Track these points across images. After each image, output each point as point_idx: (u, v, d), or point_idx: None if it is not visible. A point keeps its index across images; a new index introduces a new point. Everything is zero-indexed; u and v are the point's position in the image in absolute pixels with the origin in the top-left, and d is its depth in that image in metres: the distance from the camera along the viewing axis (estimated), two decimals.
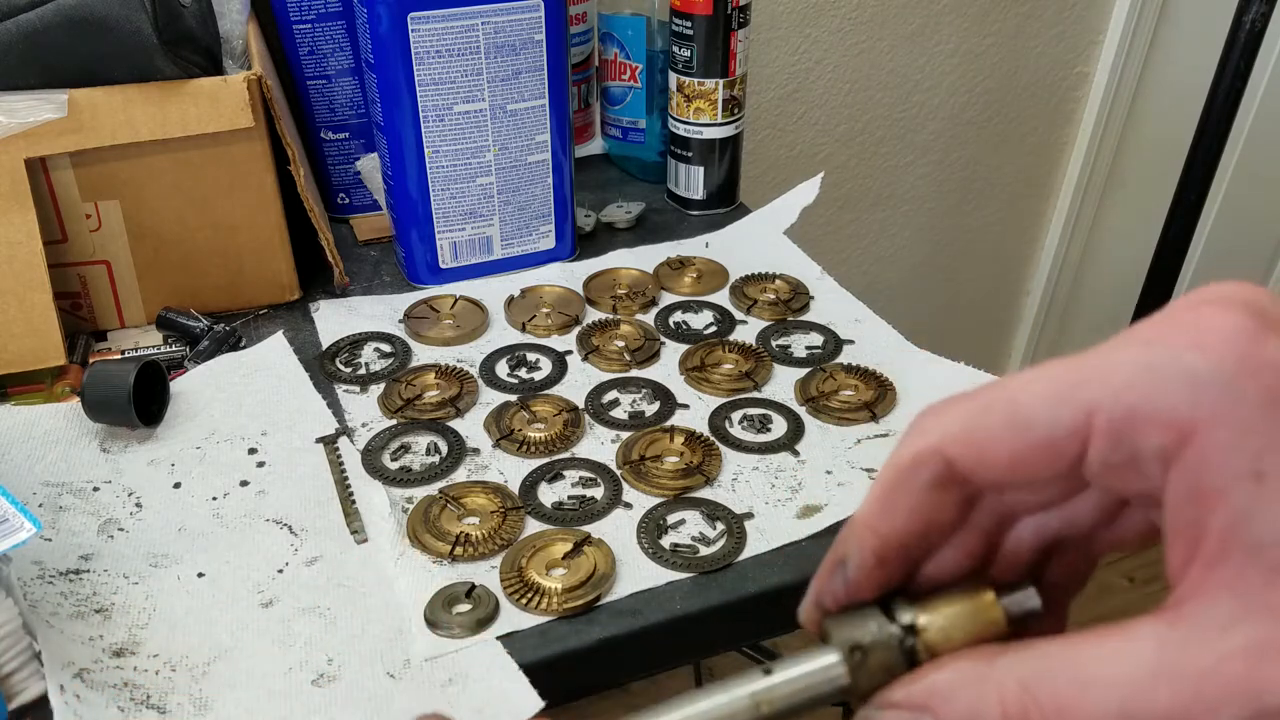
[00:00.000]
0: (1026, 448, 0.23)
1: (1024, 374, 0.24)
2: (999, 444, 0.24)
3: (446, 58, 0.77)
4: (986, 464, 0.24)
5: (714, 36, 0.90)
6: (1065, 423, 0.23)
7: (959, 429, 0.24)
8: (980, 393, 0.25)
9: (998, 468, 0.24)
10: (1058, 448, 0.23)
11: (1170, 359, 0.22)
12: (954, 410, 0.25)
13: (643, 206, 0.96)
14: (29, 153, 0.69)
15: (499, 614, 0.56)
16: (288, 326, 0.78)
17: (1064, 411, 0.23)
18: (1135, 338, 0.23)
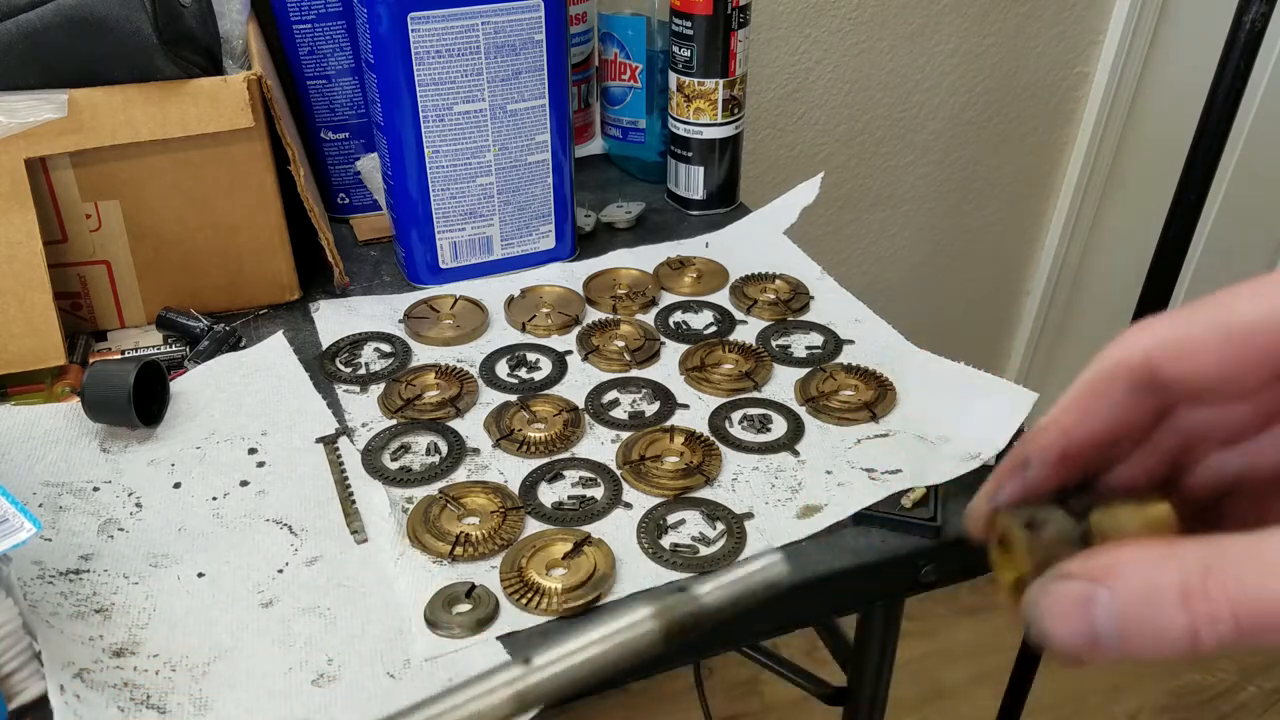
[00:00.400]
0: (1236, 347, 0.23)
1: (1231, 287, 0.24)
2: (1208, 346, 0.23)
3: (446, 58, 0.77)
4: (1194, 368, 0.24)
5: (714, 36, 0.90)
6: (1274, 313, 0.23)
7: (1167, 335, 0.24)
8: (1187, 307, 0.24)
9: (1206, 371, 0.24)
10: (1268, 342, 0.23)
11: None
12: (1161, 321, 0.25)
13: (643, 206, 0.96)
14: (29, 153, 0.69)
15: (499, 614, 0.56)
16: (288, 326, 0.79)
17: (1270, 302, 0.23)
18: None
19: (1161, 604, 0.21)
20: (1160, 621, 0.21)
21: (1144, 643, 0.22)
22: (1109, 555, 0.23)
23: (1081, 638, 0.23)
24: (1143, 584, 0.22)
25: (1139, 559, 0.22)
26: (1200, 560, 0.21)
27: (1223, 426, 0.26)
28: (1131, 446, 0.26)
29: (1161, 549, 0.22)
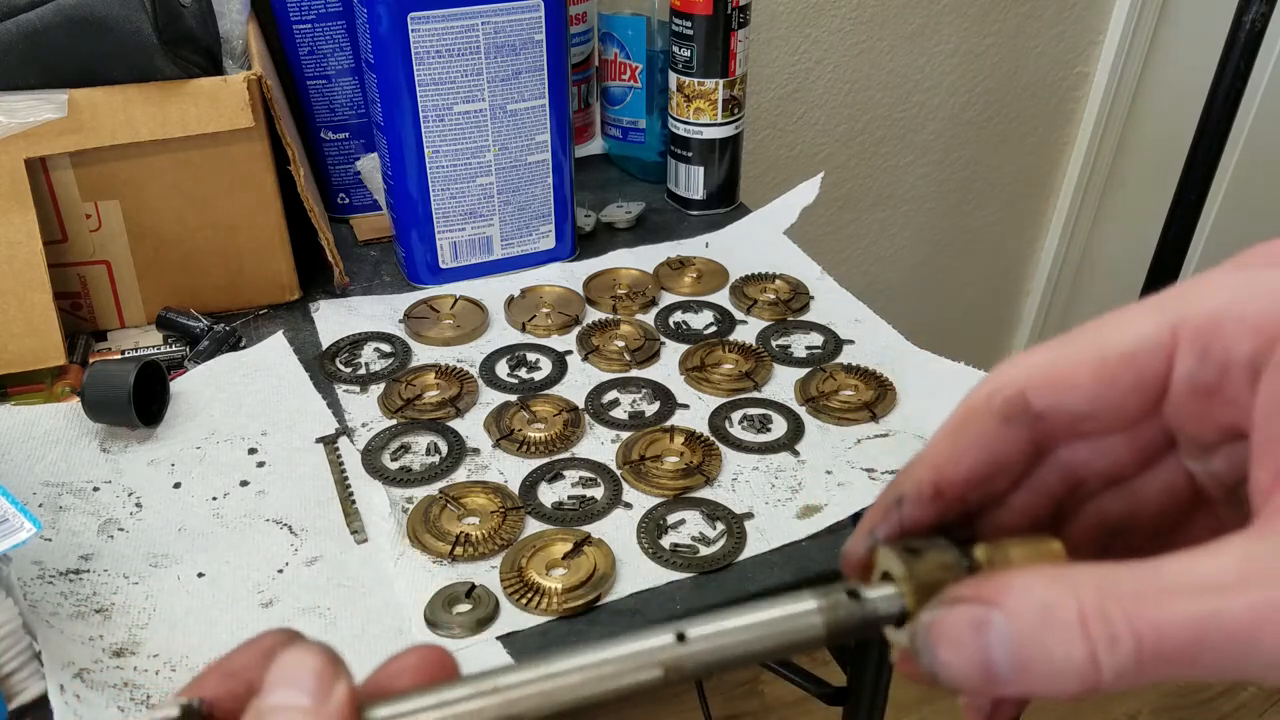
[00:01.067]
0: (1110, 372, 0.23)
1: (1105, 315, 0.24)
2: (1081, 372, 0.23)
3: (446, 58, 0.76)
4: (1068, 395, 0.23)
5: (714, 36, 0.90)
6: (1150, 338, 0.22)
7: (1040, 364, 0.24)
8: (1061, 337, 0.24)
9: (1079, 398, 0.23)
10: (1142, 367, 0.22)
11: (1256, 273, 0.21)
12: (1034, 353, 0.24)
13: (643, 206, 0.96)
14: (29, 153, 0.69)
15: (499, 614, 0.56)
16: (288, 326, 0.78)
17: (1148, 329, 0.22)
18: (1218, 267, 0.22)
19: (1059, 627, 0.20)
20: (1058, 647, 0.20)
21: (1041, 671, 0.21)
22: (1002, 578, 0.22)
23: (976, 666, 0.21)
24: (1038, 605, 0.21)
25: (1033, 580, 0.21)
26: (1097, 582, 0.20)
27: (1103, 465, 0.25)
28: (1010, 484, 0.25)
29: (1056, 571, 0.21)
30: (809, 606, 0.23)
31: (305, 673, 0.22)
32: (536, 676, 0.22)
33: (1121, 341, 0.23)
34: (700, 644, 0.23)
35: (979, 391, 0.24)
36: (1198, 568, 0.20)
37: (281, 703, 0.22)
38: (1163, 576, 0.20)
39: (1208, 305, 0.22)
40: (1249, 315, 0.21)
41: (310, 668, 0.22)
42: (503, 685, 0.22)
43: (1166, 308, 0.22)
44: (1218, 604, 0.19)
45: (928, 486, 0.25)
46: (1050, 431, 0.24)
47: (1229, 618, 0.19)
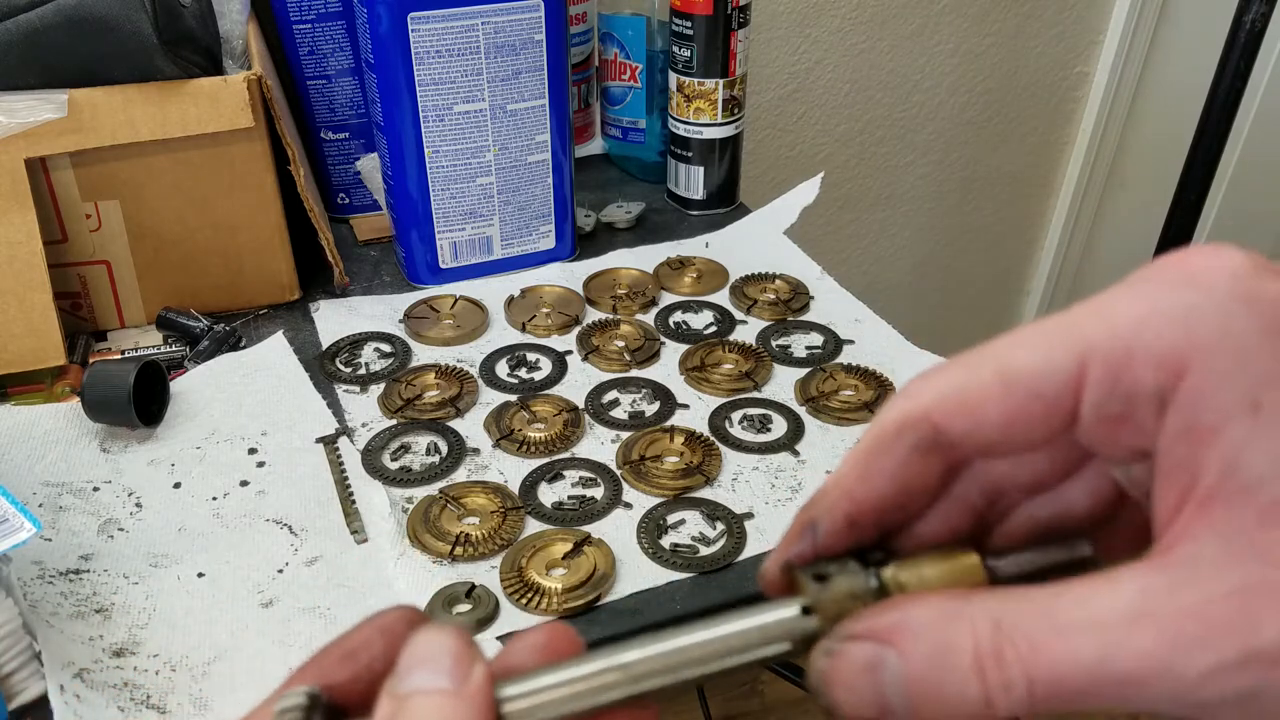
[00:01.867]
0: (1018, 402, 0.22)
1: (1015, 331, 0.23)
2: (989, 401, 0.23)
3: (446, 58, 0.76)
4: (977, 423, 0.23)
5: (714, 36, 0.90)
6: (1058, 368, 0.22)
7: (947, 390, 0.23)
8: (970, 354, 0.24)
9: (989, 427, 0.23)
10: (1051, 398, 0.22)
11: (1165, 296, 0.21)
12: (942, 374, 0.24)
13: (643, 206, 0.96)
14: (29, 153, 0.69)
15: (499, 614, 0.56)
16: (288, 326, 0.78)
17: (1056, 357, 0.22)
18: (1127, 284, 0.22)
19: (953, 669, 0.20)
20: (953, 689, 0.20)
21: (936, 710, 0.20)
22: (898, 611, 0.22)
23: (870, 706, 0.21)
24: (933, 646, 0.21)
25: (929, 617, 0.21)
26: (993, 619, 0.20)
27: (1024, 478, 0.25)
28: (927, 502, 0.25)
29: (954, 603, 0.21)
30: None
31: (443, 654, 0.22)
32: (662, 651, 0.23)
33: (1029, 374, 0.22)
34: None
35: (888, 417, 0.24)
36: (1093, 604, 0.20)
37: (421, 686, 0.21)
38: (1058, 613, 0.20)
39: (1116, 333, 0.21)
40: (1156, 347, 0.21)
41: (448, 649, 0.22)
42: (629, 661, 0.23)
43: (1075, 334, 0.22)
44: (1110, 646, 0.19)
45: (840, 514, 0.24)
46: (963, 455, 0.24)
47: (1121, 660, 0.19)
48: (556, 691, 0.22)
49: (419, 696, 0.21)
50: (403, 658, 0.22)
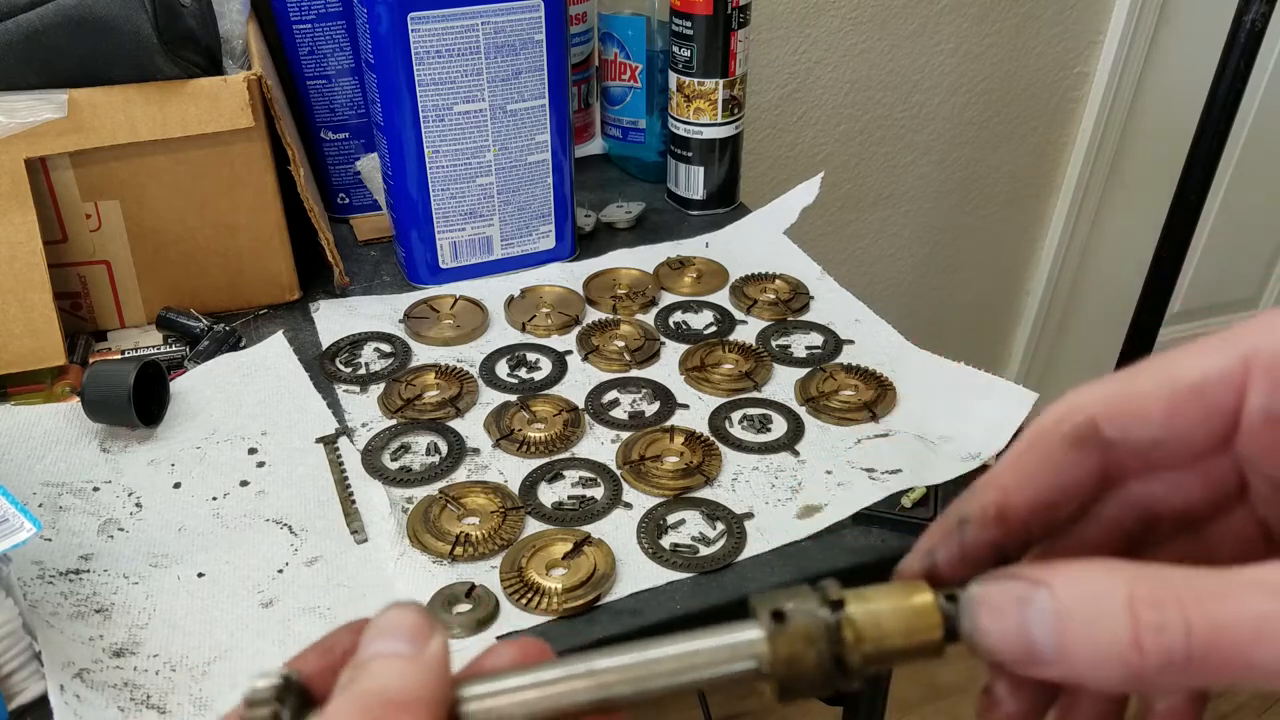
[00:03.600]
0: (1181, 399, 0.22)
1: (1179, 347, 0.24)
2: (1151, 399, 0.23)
3: (446, 58, 0.76)
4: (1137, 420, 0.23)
5: (714, 36, 0.90)
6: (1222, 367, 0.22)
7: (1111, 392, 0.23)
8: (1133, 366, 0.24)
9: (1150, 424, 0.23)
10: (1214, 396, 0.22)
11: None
12: (1107, 380, 0.24)
13: (643, 206, 0.96)
14: (29, 153, 0.69)
15: (499, 614, 0.56)
16: (288, 326, 0.78)
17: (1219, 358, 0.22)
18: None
19: (1105, 609, 0.20)
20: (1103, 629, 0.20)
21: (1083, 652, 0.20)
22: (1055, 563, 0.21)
23: (1015, 638, 0.21)
24: (1088, 586, 0.20)
25: (1087, 566, 0.21)
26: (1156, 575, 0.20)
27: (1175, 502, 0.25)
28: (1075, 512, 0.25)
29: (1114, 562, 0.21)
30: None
31: (403, 624, 0.23)
32: (631, 663, 0.23)
33: (1192, 373, 0.23)
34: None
35: (1048, 417, 0.24)
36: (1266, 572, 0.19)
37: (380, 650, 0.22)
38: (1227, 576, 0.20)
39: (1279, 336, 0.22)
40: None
41: (408, 620, 0.23)
42: (598, 669, 0.23)
43: (1239, 340, 0.22)
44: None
45: (991, 509, 0.24)
46: (1120, 461, 0.24)
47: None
48: (520, 694, 0.23)
49: (377, 660, 0.22)
50: (365, 632, 0.23)
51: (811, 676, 0.23)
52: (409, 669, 0.22)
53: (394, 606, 0.23)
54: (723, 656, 0.23)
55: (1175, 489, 0.25)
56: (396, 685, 0.21)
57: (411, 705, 0.21)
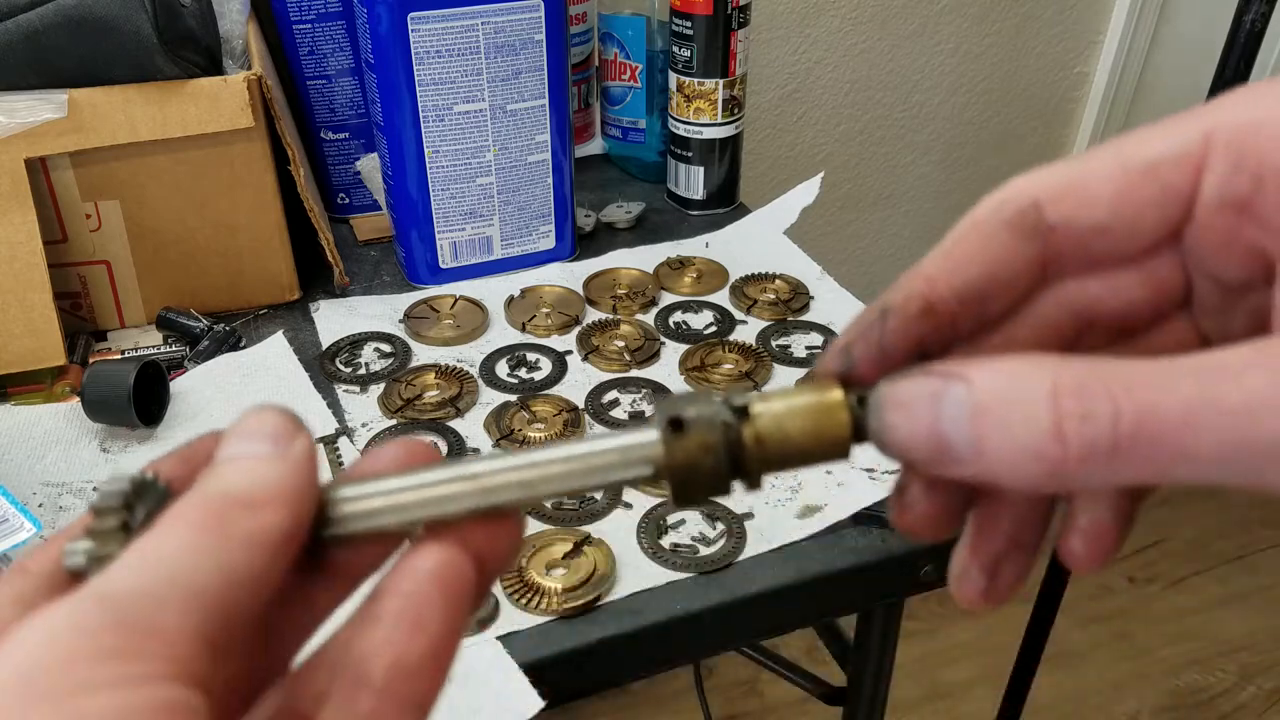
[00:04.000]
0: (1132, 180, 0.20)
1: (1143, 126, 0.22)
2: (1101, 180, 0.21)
3: (446, 58, 0.76)
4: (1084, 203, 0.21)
5: (714, 36, 0.90)
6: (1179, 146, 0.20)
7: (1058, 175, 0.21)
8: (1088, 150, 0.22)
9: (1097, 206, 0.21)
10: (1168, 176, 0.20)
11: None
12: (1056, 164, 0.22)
13: (643, 206, 0.96)
14: (29, 153, 0.69)
15: (499, 614, 0.55)
16: (288, 326, 0.78)
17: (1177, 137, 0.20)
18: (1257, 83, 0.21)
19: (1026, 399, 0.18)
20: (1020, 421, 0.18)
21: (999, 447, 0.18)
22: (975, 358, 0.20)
23: (925, 434, 0.19)
24: (1008, 379, 0.18)
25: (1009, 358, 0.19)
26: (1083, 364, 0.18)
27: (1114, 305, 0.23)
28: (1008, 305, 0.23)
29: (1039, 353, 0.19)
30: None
31: (263, 425, 0.21)
32: (519, 465, 0.22)
33: (1147, 152, 0.21)
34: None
35: (988, 202, 0.22)
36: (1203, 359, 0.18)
37: (236, 452, 0.20)
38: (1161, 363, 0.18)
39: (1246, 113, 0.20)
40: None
41: (269, 420, 0.21)
42: (482, 471, 0.22)
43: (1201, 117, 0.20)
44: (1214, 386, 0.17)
45: (917, 300, 0.22)
46: (1060, 251, 0.22)
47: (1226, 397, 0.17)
48: (397, 496, 0.21)
49: (234, 460, 0.20)
50: (225, 434, 0.21)
51: (708, 479, 0.22)
52: (263, 467, 0.20)
53: (255, 408, 0.21)
54: (615, 460, 0.22)
55: (1115, 290, 0.23)
56: (246, 483, 0.20)
57: (263, 504, 0.19)
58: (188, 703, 0.17)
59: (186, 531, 0.19)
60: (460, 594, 0.20)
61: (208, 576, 0.18)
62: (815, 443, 0.22)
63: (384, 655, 0.19)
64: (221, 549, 0.19)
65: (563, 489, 0.22)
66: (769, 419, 0.22)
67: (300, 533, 0.20)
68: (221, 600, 0.18)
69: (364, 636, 0.20)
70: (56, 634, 0.17)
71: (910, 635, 1.54)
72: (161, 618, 0.17)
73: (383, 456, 0.22)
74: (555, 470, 0.22)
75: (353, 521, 0.21)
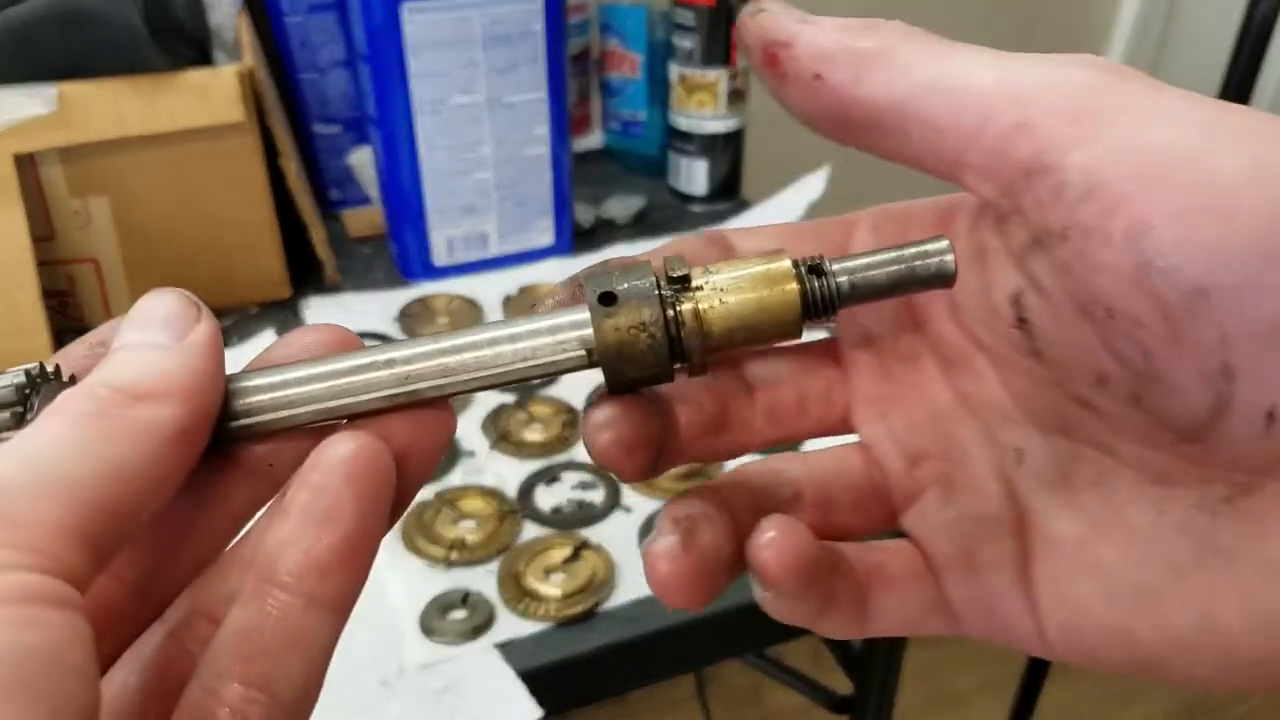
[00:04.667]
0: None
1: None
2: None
3: (441, 49, 0.75)
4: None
5: (716, 26, 0.89)
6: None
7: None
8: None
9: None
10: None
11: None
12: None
13: (643, 201, 0.95)
14: (17, 148, 0.68)
15: (495, 621, 0.54)
16: (278, 325, 0.77)
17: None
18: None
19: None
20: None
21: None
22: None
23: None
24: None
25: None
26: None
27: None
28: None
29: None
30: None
31: (158, 311, 0.20)
32: (440, 348, 0.20)
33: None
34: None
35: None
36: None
37: (132, 340, 0.19)
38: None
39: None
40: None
41: (166, 305, 0.20)
42: (399, 358, 0.20)
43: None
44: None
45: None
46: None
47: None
48: (307, 386, 0.20)
49: (126, 349, 0.19)
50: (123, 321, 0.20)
51: (644, 362, 0.21)
52: (157, 357, 0.19)
53: (151, 293, 0.20)
54: (544, 343, 0.21)
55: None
56: (136, 374, 0.18)
57: (156, 396, 0.18)
58: (52, 591, 0.16)
59: (64, 423, 0.18)
60: (376, 486, 0.19)
61: (82, 468, 0.17)
62: (762, 316, 0.21)
63: (293, 550, 0.18)
64: (101, 441, 0.17)
65: (487, 378, 0.20)
66: (709, 291, 0.21)
67: (199, 427, 0.19)
68: (99, 494, 0.17)
69: (272, 532, 0.19)
70: None
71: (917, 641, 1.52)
72: (24, 508, 0.16)
73: (296, 342, 0.21)
74: (478, 355, 0.20)
75: (260, 413, 0.20)
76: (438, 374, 0.20)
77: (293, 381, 0.20)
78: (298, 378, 0.20)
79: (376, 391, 0.20)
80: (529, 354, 0.20)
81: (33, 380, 0.19)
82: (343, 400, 0.20)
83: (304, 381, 0.20)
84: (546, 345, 0.21)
